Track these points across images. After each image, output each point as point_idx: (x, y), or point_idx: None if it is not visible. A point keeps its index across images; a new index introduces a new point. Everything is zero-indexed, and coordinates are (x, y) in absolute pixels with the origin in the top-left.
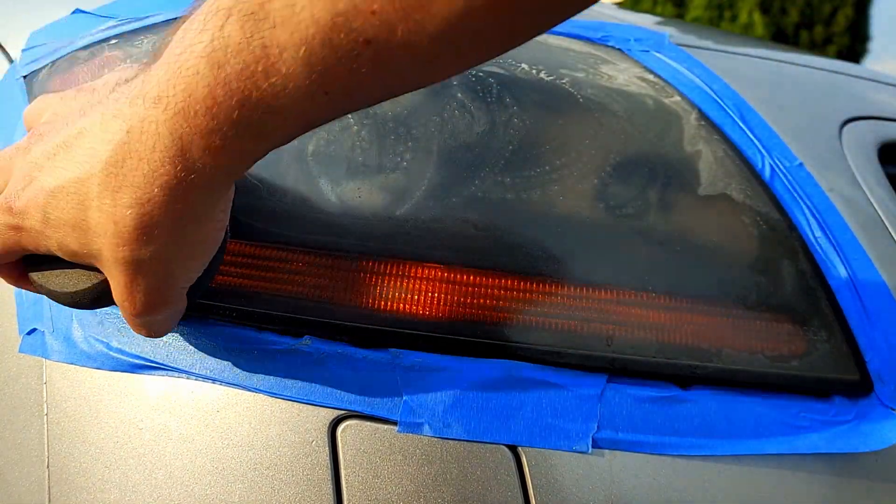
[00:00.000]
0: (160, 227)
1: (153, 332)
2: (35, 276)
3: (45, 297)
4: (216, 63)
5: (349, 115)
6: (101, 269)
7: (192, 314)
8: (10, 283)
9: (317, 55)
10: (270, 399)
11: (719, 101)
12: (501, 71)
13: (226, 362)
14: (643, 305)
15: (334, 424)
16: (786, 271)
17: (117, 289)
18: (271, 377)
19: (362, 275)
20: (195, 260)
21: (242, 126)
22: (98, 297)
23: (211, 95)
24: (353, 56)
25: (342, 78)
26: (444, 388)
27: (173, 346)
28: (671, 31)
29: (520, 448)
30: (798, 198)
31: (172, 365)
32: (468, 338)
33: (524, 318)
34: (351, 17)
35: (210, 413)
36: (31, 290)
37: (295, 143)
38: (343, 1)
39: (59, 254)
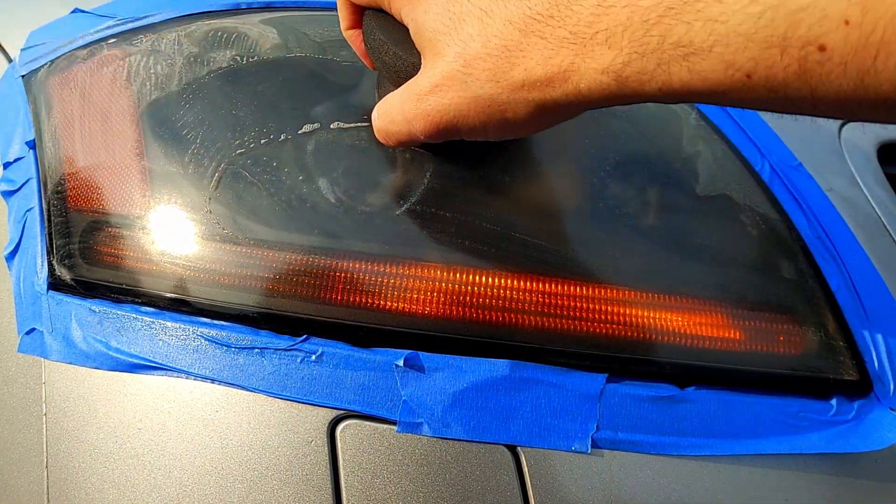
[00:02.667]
0: (520, 90)
1: (392, 136)
2: (372, 16)
3: (44, 296)
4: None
5: (347, 114)
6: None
7: (192, 314)
8: (343, 23)
9: (771, 33)
10: (269, 399)
11: None
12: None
13: (225, 362)
14: (642, 305)
15: (333, 424)
16: (785, 271)
17: (423, 85)
18: (271, 377)
19: (362, 274)
20: (499, 134)
21: (665, 59)
22: (403, 72)
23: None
24: (802, 54)
25: (774, 70)
26: (444, 387)
27: (172, 345)
28: None
29: (519, 448)
30: (797, 198)
31: (172, 365)
32: (467, 337)
33: (524, 317)
34: (821, 20)
35: (209, 413)
36: (352, 32)
37: (294, 142)
38: (837, 4)
39: (411, 28)
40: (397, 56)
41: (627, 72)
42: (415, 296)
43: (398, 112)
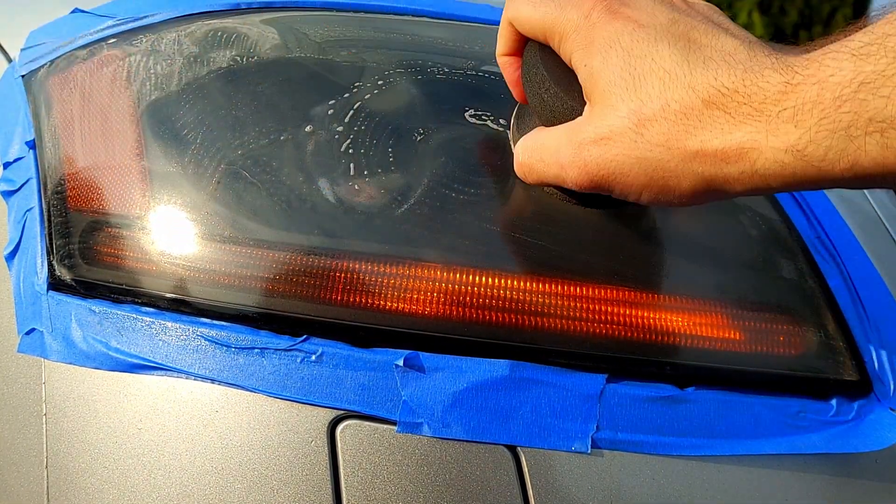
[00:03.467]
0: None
1: (535, 174)
2: (538, 49)
3: (43, 296)
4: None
5: (346, 115)
6: (584, 110)
7: (192, 314)
8: (501, 47)
9: None
10: (269, 399)
11: None
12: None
13: (225, 362)
14: (642, 305)
15: (333, 424)
16: (785, 271)
17: (587, 134)
18: (270, 377)
19: (362, 274)
20: (653, 200)
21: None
22: (560, 114)
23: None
24: None
25: None
26: (444, 387)
27: (172, 345)
28: None
29: (519, 448)
30: (797, 198)
31: (171, 365)
32: (467, 337)
33: (523, 317)
34: None
35: (209, 413)
36: (508, 59)
37: (294, 142)
38: None
39: (581, 74)
40: (558, 97)
41: (813, 151)
42: (415, 296)
43: (552, 154)
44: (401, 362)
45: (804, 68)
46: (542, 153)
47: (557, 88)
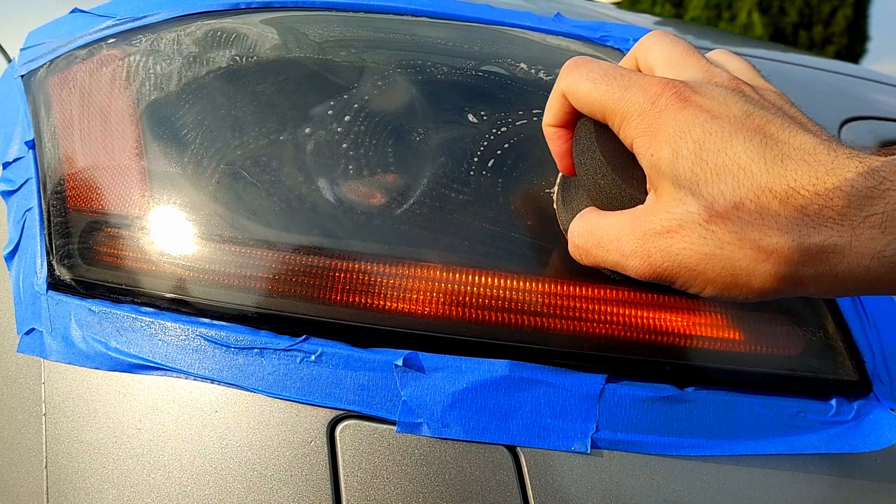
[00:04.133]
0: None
1: (592, 259)
2: (593, 127)
3: (43, 296)
4: None
5: (346, 115)
6: (641, 200)
7: (192, 314)
8: (551, 118)
9: None
10: (269, 399)
11: None
12: (501, 70)
13: (225, 362)
14: (642, 305)
15: (333, 424)
16: None
17: (654, 225)
18: (270, 377)
19: (361, 274)
20: (717, 295)
21: None
22: (616, 201)
23: None
24: None
25: None
26: (443, 387)
27: (172, 345)
28: (670, 32)
29: (518, 448)
30: None
31: (171, 365)
32: (467, 337)
33: (523, 317)
34: None
35: (208, 413)
36: (557, 130)
37: (293, 142)
38: None
39: (645, 162)
40: (616, 184)
41: None
42: (414, 296)
43: (612, 242)
44: (400, 362)
45: (892, 173)
46: (601, 239)
47: (615, 175)
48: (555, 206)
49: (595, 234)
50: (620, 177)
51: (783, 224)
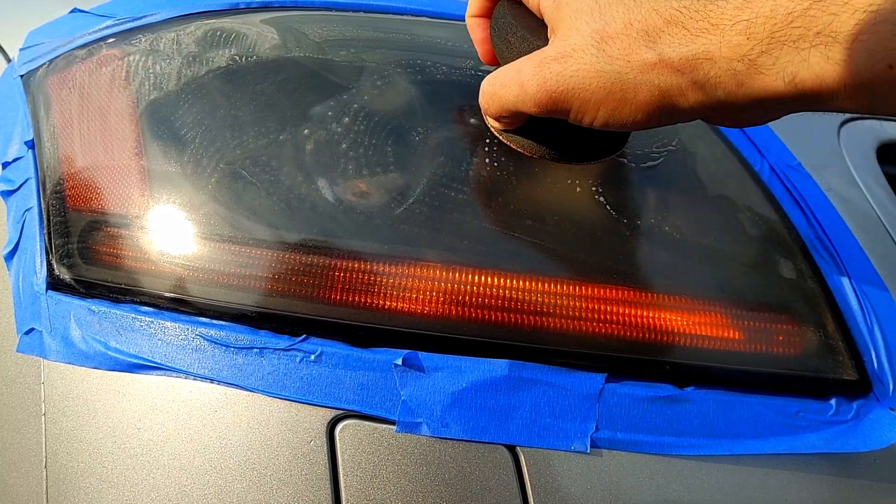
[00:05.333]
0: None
1: (497, 100)
2: (507, 3)
3: (42, 296)
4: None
5: (346, 115)
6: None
7: (191, 314)
8: (473, 9)
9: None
10: (269, 399)
11: None
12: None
13: (224, 362)
14: (642, 305)
15: (333, 424)
16: (784, 271)
17: (549, 53)
18: (269, 377)
19: (361, 274)
20: (607, 118)
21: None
22: (519, 55)
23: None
24: None
25: None
26: (443, 387)
27: (171, 345)
28: None
29: (518, 448)
30: (796, 198)
31: (170, 365)
32: (466, 337)
33: (523, 317)
34: None
35: (208, 413)
36: (477, 20)
37: (293, 142)
38: None
39: (549, 9)
40: (525, 38)
41: (762, 61)
42: (414, 295)
43: (513, 75)
44: (400, 362)
45: None
46: (504, 78)
47: (525, 31)
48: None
49: (499, 75)
50: (528, 31)
51: (664, 37)
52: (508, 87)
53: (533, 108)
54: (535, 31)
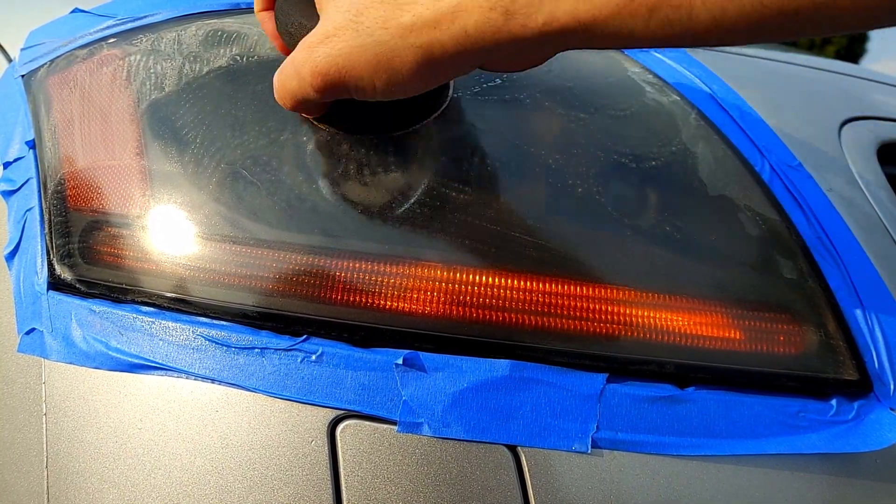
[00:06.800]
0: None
1: (286, 92)
2: None
3: (43, 296)
4: None
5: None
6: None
7: (192, 314)
8: (259, 4)
9: None
10: (269, 399)
11: (718, 101)
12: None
13: (225, 362)
14: (642, 305)
15: (333, 424)
16: (785, 271)
17: (315, 36)
18: (270, 377)
19: (362, 274)
20: (386, 88)
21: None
22: (294, 41)
23: None
24: None
25: None
26: (444, 387)
27: (172, 345)
28: None
29: (519, 448)
30: (797, 198)
31: (171, 364)
32: (468, 337)
33: (524, 317)
34: None
35: (209, 413)
36: (265, 14)
37: (294, 142)
38: None
39: None
40: (302, 26)
41: (515, 7)
42: (415, 295)
43: (290, 66)
44: (401, 362)
45: None
46: (286, 70)
47: (301, 18)
48: None
49: (283, 69)
50: (304, 17)
51: (418, 1)
52: (290, 77)
53: (314, 94)
54: (310, 17)
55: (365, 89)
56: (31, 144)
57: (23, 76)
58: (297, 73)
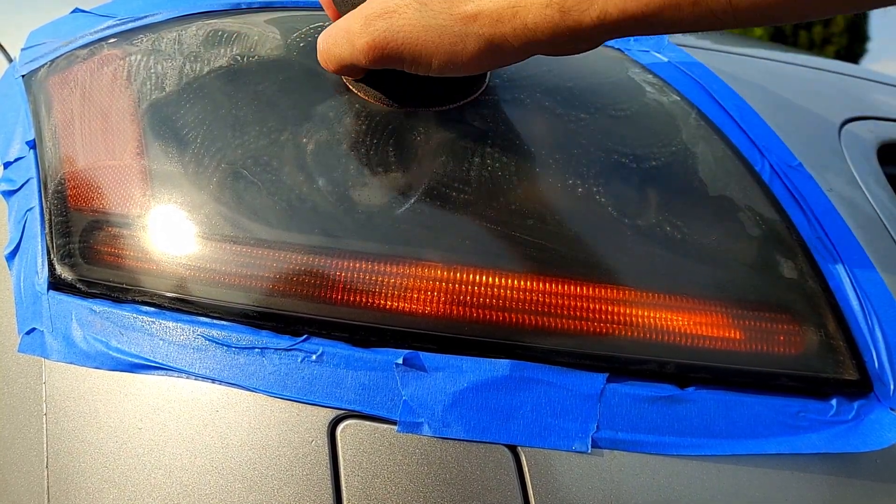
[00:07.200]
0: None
1: (332, 58)
2: None
3: (44, 296)
4: None
5: (348, 115)
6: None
7: (193, 313)
8: None
9: None
10: (270, 399)
11: (719, 101)
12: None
13: (225, 362)
14: (642, 305)
15: (334, 424)
16: (785, 271)
17: (374, 8)
18: (271, 377)
19: (362, 274)
20: (443, 67)
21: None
22: (350, 6)
23: None
24: None
25: None
26: (444, 387)
27: (173, 345)
28: None
29: (519, 448)
30: (797, 198)
31: (172, 364)
32: (468, 337)
33: (524, 317)
34: None
35: (209, 412)
36: None
37: (294, 142)
38: None
39: None
40: None
41: (569, 4)
42: (415, 295)
43: (343, 33)
44: (401, 361)
45: None
46: (336, 35)
47: None
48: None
49: (331, 32)
50: None
51: None
52: (340, 44)
53: (366, 62)
54: None
55: (421, 65)
56: (32, 144)
57: (23, 76)
58: (349, 41)
